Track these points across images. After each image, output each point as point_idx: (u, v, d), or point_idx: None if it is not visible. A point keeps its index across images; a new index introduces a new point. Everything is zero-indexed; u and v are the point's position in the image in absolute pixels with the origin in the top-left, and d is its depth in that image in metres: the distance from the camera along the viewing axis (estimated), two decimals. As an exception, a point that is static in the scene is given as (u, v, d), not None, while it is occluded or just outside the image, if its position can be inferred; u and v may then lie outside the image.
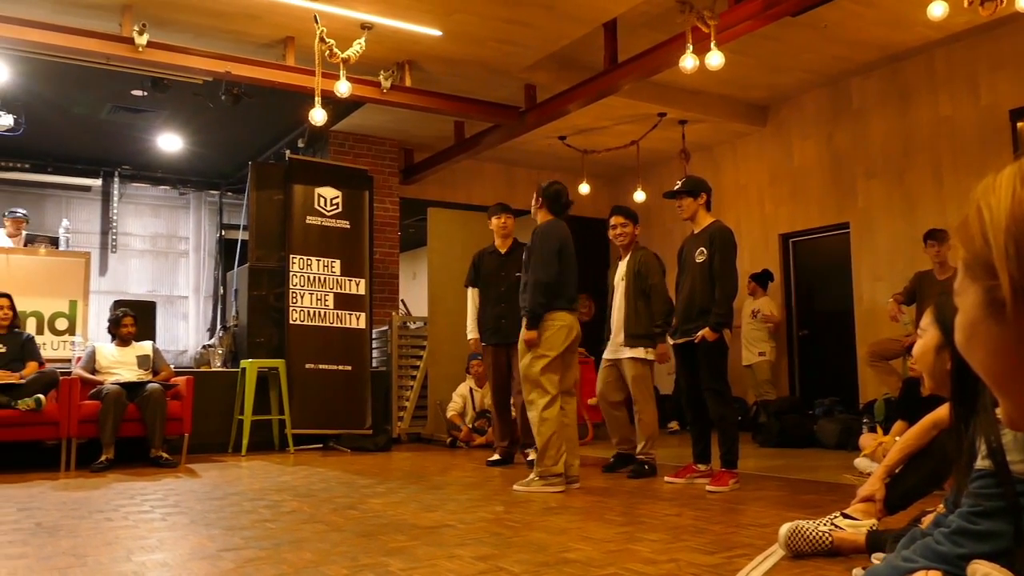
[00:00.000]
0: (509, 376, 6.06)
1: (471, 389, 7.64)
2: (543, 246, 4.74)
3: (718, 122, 8.63)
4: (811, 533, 2.82)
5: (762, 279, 8.40)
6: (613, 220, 5.59)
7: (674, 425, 8.92)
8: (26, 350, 6.11)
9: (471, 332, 6.23)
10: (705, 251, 4.89)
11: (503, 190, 10.30)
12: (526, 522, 3.62)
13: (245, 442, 6.93)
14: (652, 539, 3.22)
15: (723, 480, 4.62)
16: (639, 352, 5.34)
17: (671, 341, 5.14)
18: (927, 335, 2.18)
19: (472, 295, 6.26)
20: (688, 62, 5.66)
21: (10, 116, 8.36)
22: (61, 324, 7.34)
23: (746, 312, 8.32)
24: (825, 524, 2.88)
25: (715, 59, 5.59)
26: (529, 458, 4.80)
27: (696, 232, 5.05)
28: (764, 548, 2.98)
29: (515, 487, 4.64)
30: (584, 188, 9.15)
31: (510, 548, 3.06)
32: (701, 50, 5.64)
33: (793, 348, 8.58)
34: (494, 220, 6.25)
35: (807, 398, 7.97)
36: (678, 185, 5.11)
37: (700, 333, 4.78)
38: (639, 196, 9.03)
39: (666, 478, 5.01)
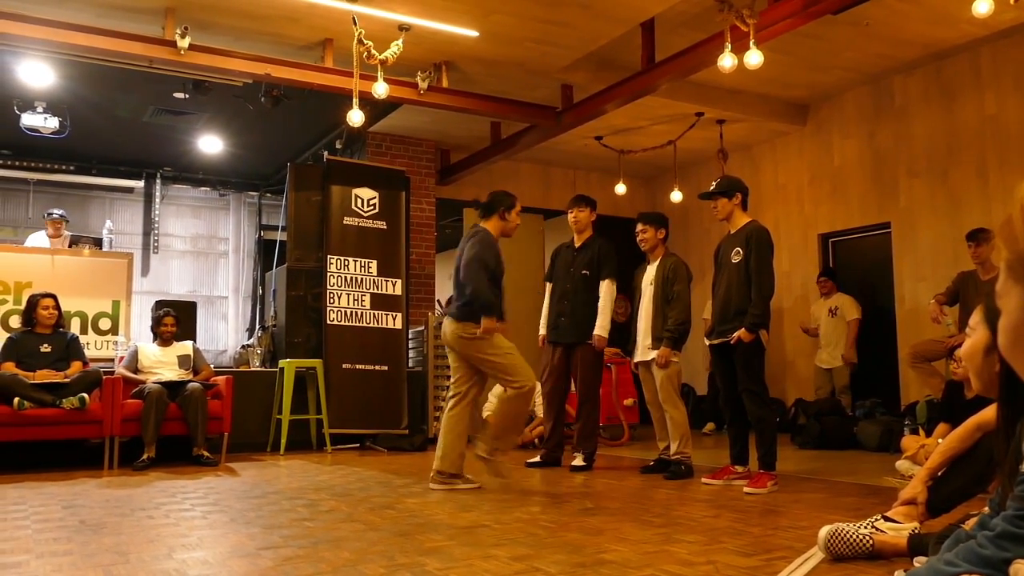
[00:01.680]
0: (566, 378, 5.98)
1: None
2: None
3: (757, 121, 8.54)
4: (852, 536, 2.78)
5: (835, 276, 8.22)
6: (637, 227, 5.61)
7: (710, 426, 8.85)
8: (71, 350, 6.22)
9: (541, 329, 6.15)
10: (741, 251, 4.85)
11: (539, 190, 10.31)
12: (562, 523, 3.61)
13: (284, 441, 7.00)
14: (689, 541, 3.19)
15: (761, 482, 4.57)
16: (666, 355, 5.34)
17: (707, 342, 5.11)
18: (976, 335, 2.12)
19: (547, 290, 6.18)
20: (727, 61, 5.60)
21: (56, 119, 8.55)
22: (104, 324, 7.47)
23: (822, 312, 8.15)
24: (866, 527, 2.83)
25: (754, 58, 5.52)
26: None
27: (732, 232, 5.01)
28: (803, 551, 2.94)
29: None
30: (621, 188, 9.12)
31: (546, 548, 3.05)
32: (740, 49, 5.58)
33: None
34: (568, 215, 6.15)
35: (851, 400, 7.83)
36: (713, 186, 5.08)
37: (736, 334, 4.75)
38: (676, 196, 8.97)
39: (703, 479, 4.97)
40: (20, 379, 5.72)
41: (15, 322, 6.89)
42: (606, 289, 5.81)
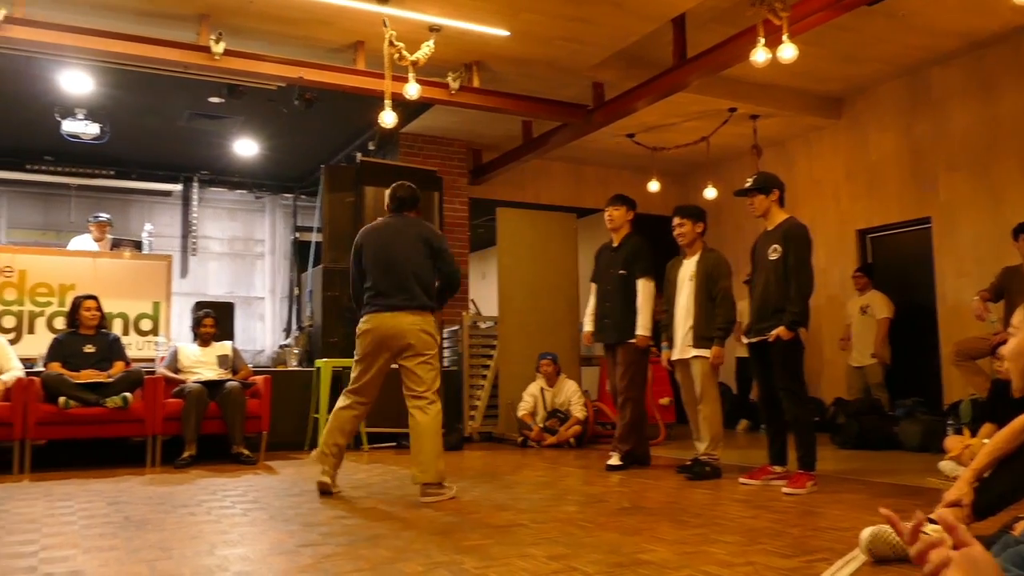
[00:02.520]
0: (627, 380, 5.87)
1: (542, 389, 7.64)
2: None
3: (791, 116, 8.45)
4: (894, 538, 2.74)
5: (871, 272, 8.12)
6: (674, 220, 5.55)
7: (744, 424, 8.78)
8: (113, 350, 6.34)
9: (585, 326, 6.13)
10: (779, 248, 4.79)
11: (571, 189, 10.30)
12: (599, 522, 3.60)
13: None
14: (727, 541, 3.17)
15: (800, 482, 4.52)
16: (707, 352, 5.28)
17: (744, 340, 5.07)
18: (1020, 334, 2.09)
19: (592, 290, 6.13)
20: (759, 56, 5.55)
21: (96, 125, 8.72)
22: (145, 325, 7.60)
23: (853, 309, 8.06)
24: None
25: (787, 52, 5.46)
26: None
27: (769, 229, 4.95)
28: (844, 552, 2.91)
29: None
30: (654, 186, 9.06)
31: (583, 548, 3.05)
32: (773, 43, 5.52)
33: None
34: (604, 214, 6.11)
35: (888, 398, 7.72)
36: (749, 182, 5.01)
37: (774, 332, 4.69)
38: (710, 193, 8.90)
39: (740, 479, 4.93)
40: (65, 379, 5.85)
41: (60, 323, 7.03)
42: (642, 287, 5.76)
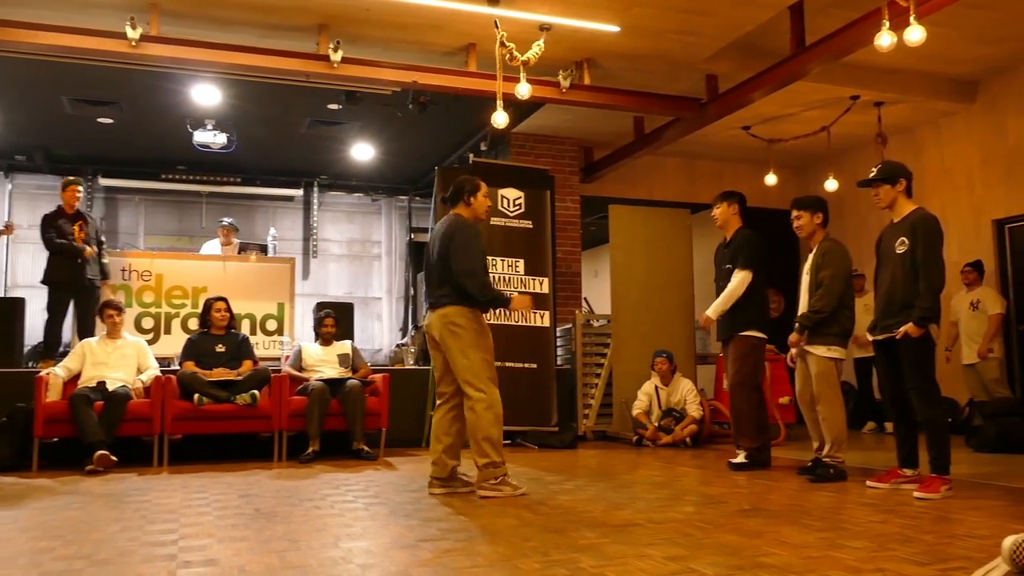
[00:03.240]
0: (733, 372, 5.78)
1: (656, 387, 7.55)
2: None
3: (919, 101, 8.03)
4: (1041, 547, 2.56)
5: (982, 268, 7.70)
6: (792, 213, 5.38)
7: (870, 426, 8.41)
8: (242, 349, 6.65)
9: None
10: (906, 241, 4.56)
11: (685, 184, 10.13)
12: (718, 524, 3.53)
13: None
14: (855, 546, 3.04)
15: (933, 486, 4.29)
16: (822, 349, 5.08)
17: (870, 337, 4.84)
18: None
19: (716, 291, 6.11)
20: (884, 40, 5.30)
21: (224, 135, 9.16)
22: (271, 325, 7.95)
23: (963, 305, 7.66)
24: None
25: (915, 34, 5.19)
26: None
27: (896, 221, 4.73)
28: (984, 561, 2.74)
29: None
30: (771, 179, 8.80)
31: (702, 549, 3.00)
32: (899, 25, 5.26)
33: (1012, 344, 7.82)
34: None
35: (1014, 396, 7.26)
36: (873, 172, 4.79)
37: (902, 329, 4.46)
38: (831, 185, 8.57)
39: (868, 482, 4.73)
40: (199, 377, 6.18)
41: (193, 324, 7.44)
42: (735, 277, 5.62)
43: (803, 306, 5.25)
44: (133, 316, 7.67)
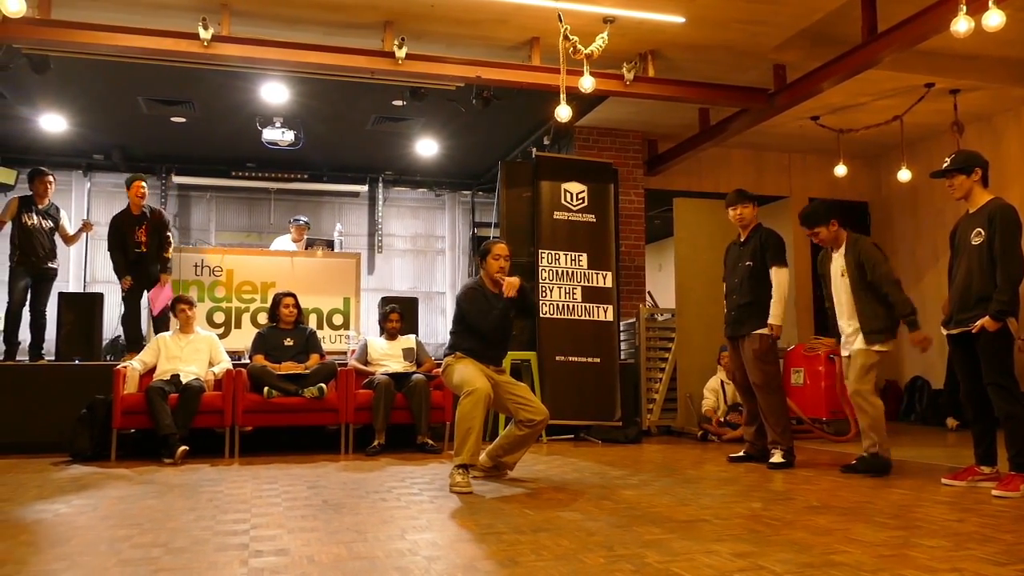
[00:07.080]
0: (744, 371, 5.82)
1: (722, 382, 7.45)
2: None
3: (998, 88, 7.72)
4: None
5: None
6: (806, 232, 5.42)
7: (952, 422, 8.15)
8: (310, 343, 6.77)
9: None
10: (983, 232, 4.41)
11: (752, 176, 9.93)
12: (786, 520, 3.46)
13: (501, 431, 7.20)
14: (930, 545, 2.95)
15: (1013, 484, 4.15)
16: (874, 346, 5.03)
17: (944, 332, 4.69)
18: None
19: (725, 290, 6.10)
20: (961, 25, 5.10)
21: (291, 132, 9.33)
22: (337, 319, 8.08)
23: None
24: None
25: (994, 19, 4.99)
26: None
27: (972, 212, 4.57)
28: (1071, 566, 2.64)
29: None
30: (840, 170, 8.58)
31: (770, 546, 2.95)
32: (976, 10, 5.06)
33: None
34: (729, 212, 6.02)
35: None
36: (947, 162, 4.65)
37: (979, 323, 4.33)
38: (904, 175, 8.32)
39: (943, 480, 4.59)
40: (268, 370, 6.32)
41: (262, 319, 7.61)
42: (776, 276, 5.59)
43: (848, 310, 5.16)
44: (205, 311, 7.88)
